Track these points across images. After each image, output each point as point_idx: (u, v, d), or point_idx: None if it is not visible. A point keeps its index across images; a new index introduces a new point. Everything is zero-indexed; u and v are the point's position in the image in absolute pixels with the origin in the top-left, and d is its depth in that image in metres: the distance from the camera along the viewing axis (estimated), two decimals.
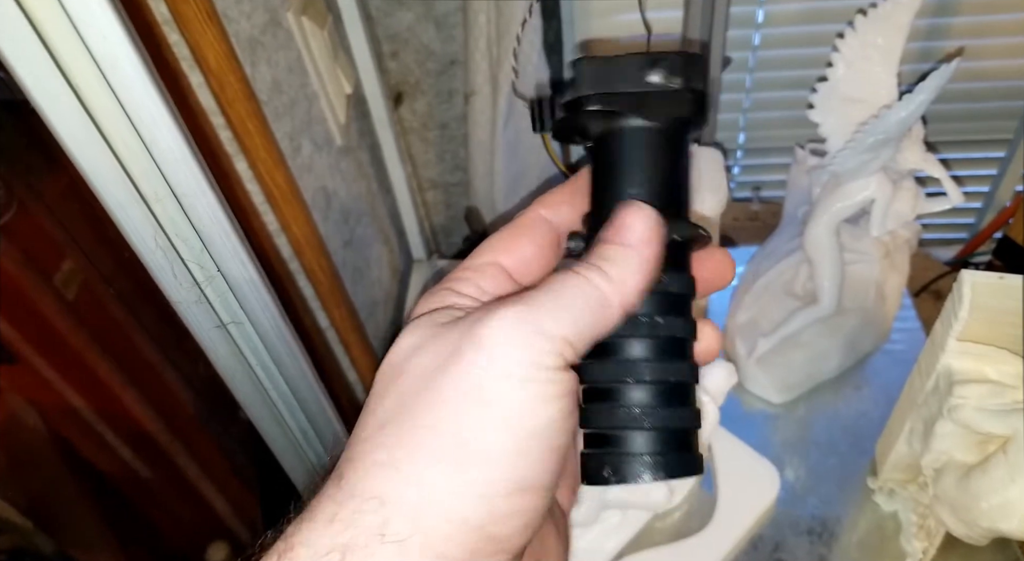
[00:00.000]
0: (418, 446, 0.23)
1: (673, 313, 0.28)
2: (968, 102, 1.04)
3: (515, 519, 0.24)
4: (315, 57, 0.77)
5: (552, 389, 0.24)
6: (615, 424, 0.27)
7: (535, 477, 0.24)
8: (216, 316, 0.45)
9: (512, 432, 0.23)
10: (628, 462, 0.27)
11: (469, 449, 0.23)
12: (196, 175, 0.37)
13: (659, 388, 0.27)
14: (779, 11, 0.98)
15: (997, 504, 0.53)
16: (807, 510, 0.70)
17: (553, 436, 0.24)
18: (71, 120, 0.32)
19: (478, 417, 0.23)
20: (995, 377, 0.55)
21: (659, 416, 0.27)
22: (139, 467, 0.71)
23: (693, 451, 0.28)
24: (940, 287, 0.92)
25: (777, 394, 0.79)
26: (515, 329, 0.24)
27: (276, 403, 0.53)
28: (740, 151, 1.15)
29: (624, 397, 0.27)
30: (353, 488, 0.23)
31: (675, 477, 0.27)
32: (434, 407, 0.23)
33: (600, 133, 0.29)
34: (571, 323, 0.25)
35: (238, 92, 0.59)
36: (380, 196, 1.02)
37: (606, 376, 0.28)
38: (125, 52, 0.31)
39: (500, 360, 0.24)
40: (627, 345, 0.27)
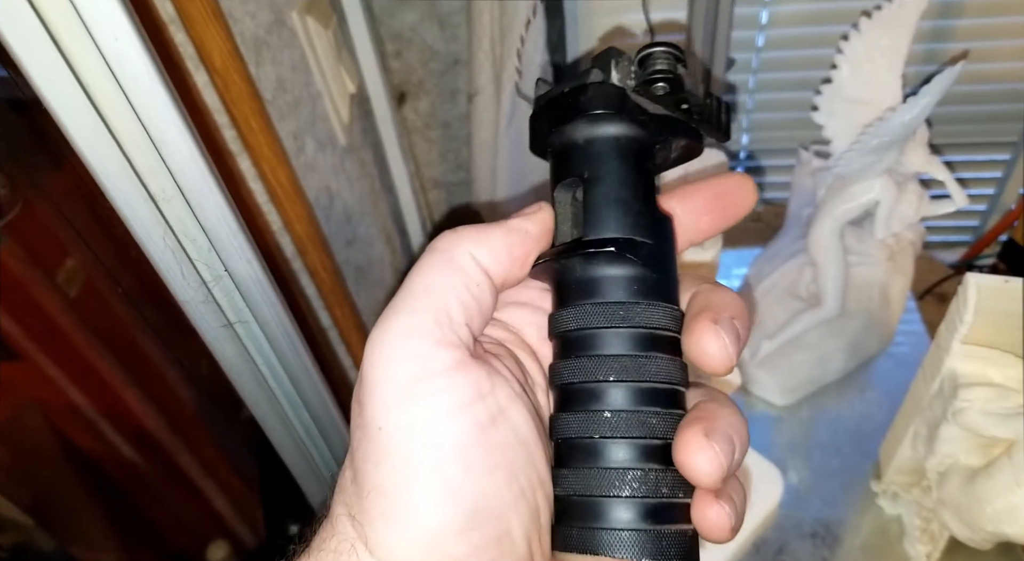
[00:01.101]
0: (363, 508, 0.23)
1: (647, 352, 0.25)
2: (972, 105, 1.03)
3: (483, 554, 0.22)
4: (319, 56, 0.77)
5: (450, 400, 0.23)
6: (584, 490, 0.24)
7: (479, 505, 0.22)
8: (223, 315, 0.45)
9: (428, 471, 0.22)
10: (601, 536, 0.24)
11: (401, 504, 0.22)
12: (204, 175, 0.37)
13: (638, 444, 0.24)
14: (783, 12, 0.98)
15: (1002, 508, 0.53)
16: (810, 513, 0.70)
17: (482, 455, 0.23)
18: (82, 120, 0.32)
19: (392, 465, 0.22)
20: (1000, 381, 0.55)
21: (640, 480, 0.24)
22: (140, 465, 0.71)
23: (683, 526, 0.25)
24: (944, 290, 0.92)
25: (780, 396, 0.79)
26: (384, 343, 0.23)
27: (281, 402, 0.53)
28: (744, 152, 1.15)
29: (596, 456, 0.24)
30: (332, 529, 0.24)
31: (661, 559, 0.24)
32: (364, 464, 0.23)
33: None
34: (427, 304, 0.23)
35: (242, 91, 0.59)
36: (383, 195, 1.02)
37: (576, 429, 0.25)
38: (136, 53, 0.31)
39: (382, 391, 0.23)
40: (597, 392, 0.25)
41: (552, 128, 0.28)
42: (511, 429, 0.24)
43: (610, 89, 0.27)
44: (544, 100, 0.28)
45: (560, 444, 0.26)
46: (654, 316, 0.25)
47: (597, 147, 0.27)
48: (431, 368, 0.23)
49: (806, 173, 0.85)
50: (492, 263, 0.25)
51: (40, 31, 0.28)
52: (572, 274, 0.26)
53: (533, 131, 0.29)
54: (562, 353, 0.26)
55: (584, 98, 0.27)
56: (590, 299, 0.26)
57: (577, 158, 0.27)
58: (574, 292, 0.26)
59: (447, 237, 0.25)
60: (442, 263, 0.24)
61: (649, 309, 0.25)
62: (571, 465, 0.25)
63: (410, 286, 0.24)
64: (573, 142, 0.27)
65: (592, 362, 0.25)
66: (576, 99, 0.27)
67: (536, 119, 0.29)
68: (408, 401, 0.22)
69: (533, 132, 0.29)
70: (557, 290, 0.27)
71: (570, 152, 0.27)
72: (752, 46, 1.02)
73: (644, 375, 0.25)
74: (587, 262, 0.26)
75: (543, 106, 0.28)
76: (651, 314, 0.25)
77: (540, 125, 0.28)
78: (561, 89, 0.28)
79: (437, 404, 0.22)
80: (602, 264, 0.26)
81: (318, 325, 0.81)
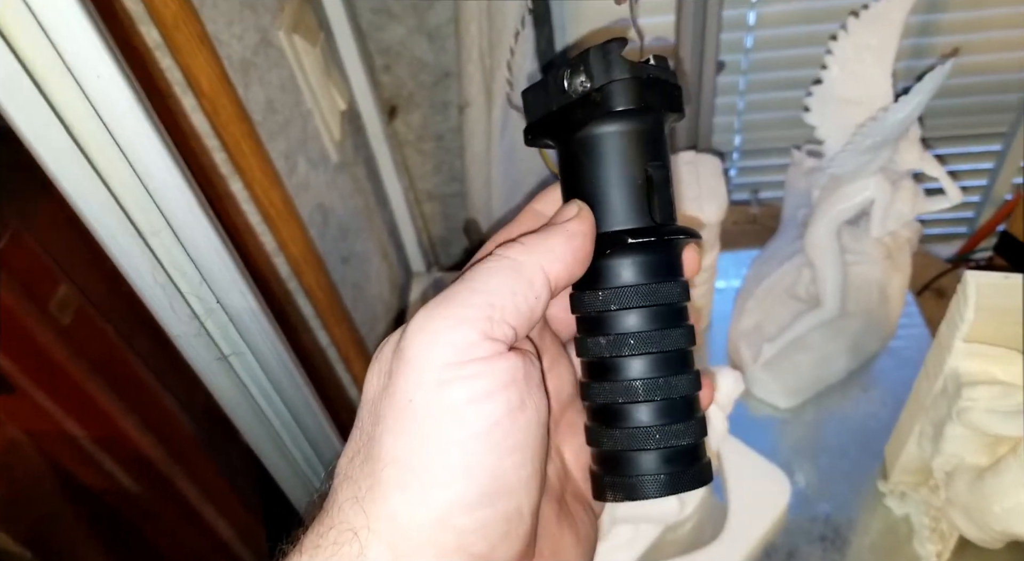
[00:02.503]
0: (378, 481, 0.23)
1: (669, 325, 0.28)
2: (963, 97, 1.03)
3: (491, 531, 0.23)
4: (308, 74, 0.76)
5: (486, 384, 0.23)
6: (620, 446, 0.27)
7: (495, 484, 0.23)
8: (217, 348, 0.44)
9: (452, 444, 0.23)
10: (636, 483, 0.27)
11: (418, 474, 0.23)
12: (193, 207, 0.36)
13: (661, 405, 0.27)
14: (770, 13, 0.98)
15: (1010, 507, 0.53)
16: (819, 516, 0.69)
17: (504, 435, 0.23)
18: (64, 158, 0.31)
19: (417, 437, 0.23)
20: (1004, 378, 0.55)
21: (664, 435, 0.27)
22: (138, 494, 0.70)
23: (700, 462, 0.28)
24: (942, 285, 0.92)
25: (784, 399, 0.79)
26: (430, 328, 0.24)
27: (279, 432, 0.52)
28: (736, 153, 1.15)
29: (627, 417, 0.27)
30: (332, 521, 0.24)
31: (684, 491, 0.27)
32: (384, 436, 0.24)
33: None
34: (486, 301, 0.24)
35: (232, 114, 0.58)
36: (377, 210, 1.01)
37: (605, 397, 0.28)
38: (119, 90, 0.30)
39: (421, 367, 0.24)
40: (622, 364, 0.27)
41: (643, 113, 0.28)
42: (536, 413, 0.25)
43: (672, 85, 0.28)
44: (580, 88, 0.28)
45: (595, 408, 0.29)
46: (675, 291, 0.28)
47: (660, 140, 0.29)
48: (472, 355, 0.24)
49: (800, 173, 0.84)
50: (562, 272, 0.26)
51: (19, 71, 0.28)
52: (657, 255, 0.28)
53: (564, 115, 0.29)
54: (598, 329, 0.28)
55: (655, 90, 0.28)
56: (650, 279, 0.28)
57: (642, 147, 0.28)
58: (630, 272, 0.28)
59: (518, 248, 0.26)
60: (511, 270, 0.25)
61: (676, 285, 0.28)
62: (607, 426, 0.28)
63: (471, 281, 0.25)
64: (662, 130, 0.29)
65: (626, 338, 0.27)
66: (663, 89, 0.28)
67: (574, 106, 0.28)
68: (446, 381, 0.23)
69: (564, 117, 0.29)
70: (612, 268, 0.28)
71: (659, 138, 0.28)
72: (741, 48, 1.02)
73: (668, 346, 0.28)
74: (662, 248, 0.28)
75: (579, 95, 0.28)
76: (672, 289, 0.28)
77: (579, 109, 0.28)
78: (644, 73, 0.28)
79: (473, 386, 0.23)
80: (669, 249, 0.28)
81: (316, 344, 0.81)
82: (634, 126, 0.28)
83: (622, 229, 0.28)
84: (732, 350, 0.85)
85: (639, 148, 0.28)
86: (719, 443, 0.65)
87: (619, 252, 0.28)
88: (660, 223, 0.28)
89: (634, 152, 0.28)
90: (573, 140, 0.29)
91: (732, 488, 0.68)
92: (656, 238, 0.27)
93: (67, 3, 0.27)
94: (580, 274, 0.27)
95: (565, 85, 0.28)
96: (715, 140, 1.11)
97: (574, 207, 0.28)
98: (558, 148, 0.30)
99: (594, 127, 0.28)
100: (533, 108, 0.30)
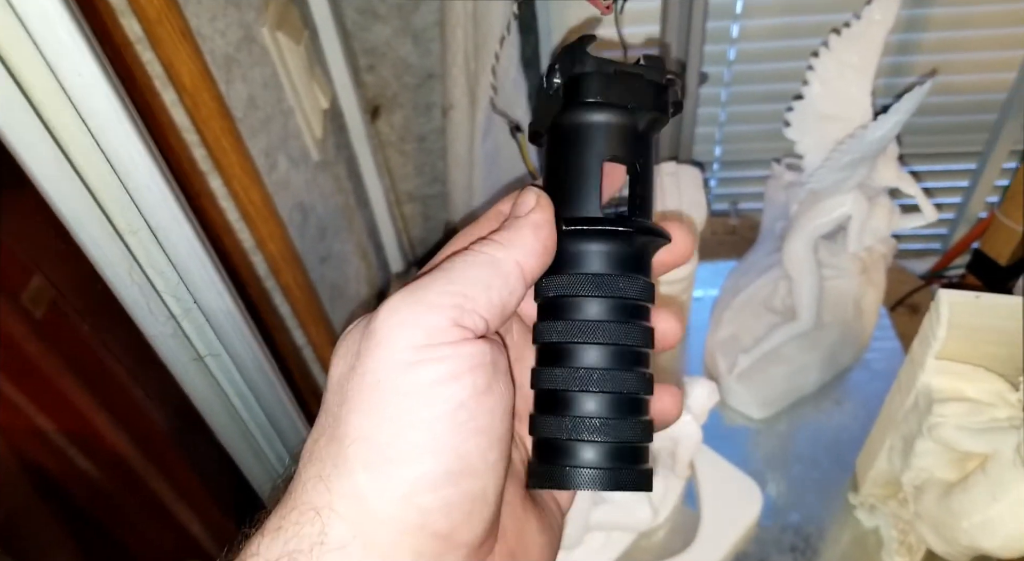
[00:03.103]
0: (344, 458, 0.24)
1: (627, 320, 0.28)
2: (940, 116, 1.05)
3: (454, 510, 0.24)
4: (291, 72, 0.76)
5: (452, 366, 0.24)
6: (559, 435, 0.27)
7: (459, 464, 0.24)
8: (193, 349, 0.43)
9: (418, 423, 0.23)
10: (570, 472, 0.27)
11: (383, 452, 0.23)
12: (172, 206, 0.36)
13: (606, 398, 0.27)
14: (754, 26, 0.99)
15: (978, 523, 0.54)
16: (789, 526, 0.70)
17: (470, 417, 0.24)
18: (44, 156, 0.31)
19: (384, 416, 0.23)
20: (974, 395, 0.55)
21: (605, 428, 0.27)
22: (110, 490, 0.69)
23: (639, 465, 0.28)
24: (916, 301, 0.93)
25: (758, 409, 0.80)
26: (403, 312, 0.24)
27: (254, 433, 0.52)
28: (717, 164, 1.16)
29: (569, 406, 0.27)
30: (295, 502, 0.24)
31: (617, 490, 0.27)
32: (351, 415, 0.24)
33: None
34: (461, 292, 0.25)
35: (213, 110, 0.58)
36: (357, 210, 1.01)
37: (551, 382, 0.28)
38: (100, 88, 0.30)
39: (390, 348, 0.24)
40: (576, 352, 0.27)
41: (601, 107, 0.28)
42: (502, 397, 0.25)
43: (651, 83, 0.28)
44: (581, 74, 0.28)
45: (540, 393, 0.29)
46: (645, 288, 0.28)
47: (650, 140, 0.29)
48: (441, 339, 0.24)
49: (779, 187, 0.85)
50: (535, 264, 0.27)
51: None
52: (613, 246, 0.28)
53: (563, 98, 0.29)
54: (553, 314, 0.28)
55: (624, 86, 0.28)
56: (619, 270, 0.28)
57: (631, 142, 0.28)
58: (597, 260, 0.28)
59: (494, 245, 0.27)
60: (488, 266, 0.26)
61: (645, 282, 0.28)
62: (553, 412, 0.28)
63: (448, 272, 0.26)
64: (629, 127, 0.29)
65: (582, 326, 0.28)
66: (637, 86, 0.28)
67: (575, 92, 0.28)
68: (414, 362, 0.24)
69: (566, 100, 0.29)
70: (575, 255, 0.28)
71: (622, 135, 0.28)
72: (724, 60, 1.02)
73: (621, 339, 0.28)
74: (628, 240, 0.28)
75: (578, 80, 0.28)
76: (642, 286, 0.28)
77: (552, 105, 0.29)
78: (627, 69, 0.28)
79: (441, 368, 0.24)
80: (627, 242, 0.28)
81: (292, 344, 0.80)
82: (593, 118, 0.28)
83: (567, 216, 0.28)
84: (708, 360, 0.85)
85: (598, 140, 0.28)
86: (693, 452, 0.65)
87: (581, 238, 0.28)
88: (616, 215, 0.28)
89: (592, 144, 0.28)
90: (549, 133, 0.30)
91: (705, 497, 0.69)
92: (596, 227, 0.28)
93: (49, 1, 0.27)
94: (550, 262, 0.28)
95: (545, 84, 0.29)
96: (696, 151, 1.11)
97: (532, 196, 0.28)
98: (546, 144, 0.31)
99: (558, 118, 0.29)
100: (535, 111, 0.31)
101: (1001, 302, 0.53)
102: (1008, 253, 0.97)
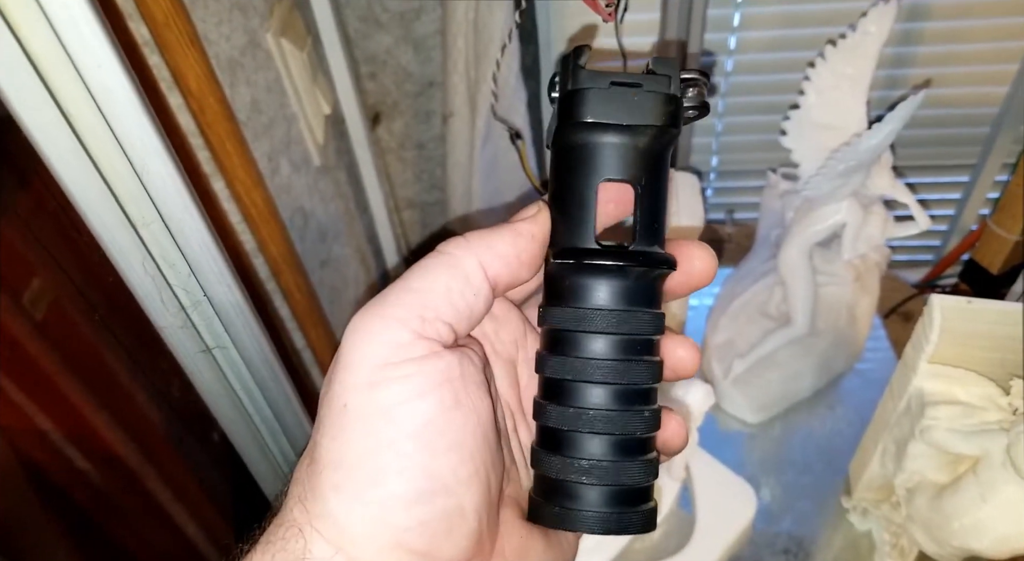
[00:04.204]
0: (317, 482, 0.24)
1: (628, 358, 0.26)
2: (933, 128, 1.06)
3: (430, 528, 0.23)
4: (294, 78, 0.77)
5: (417, 384, 0.23)
6: (565, 476, 0.26)
7: (430, 482, 0.23)
8: (201, 341, 0.44)
9: (386, 445, 0.23)
10: (573, 515, 0.26)
11: (351, 475, 0.23)
12: (186, 200, 0.37)
13: (616, 440, 0.26)
14: (751, 38, 1.00)
15: (969, 524, 0.54)
16: (783, 529, 0.70)
17: (439, 434, 0.23)
18: (63, 147, 0.32)
19: (350, 439, 0.23)
20: (965, 399, 0.56)
21: (610, 472, 0.26)
22: (110, 492, 0.69)
23: (647, 504, 0.27)
24: (909, 309, 0.94)
25: (753, 414, 0.80)
26: (363, 330, 0.24)
27: (259, 428, 0.52)
28: (713, 173, 1.17)
29: (579, 447, 0.26)
30: (282, 519, 0.24)
31: (626, 533, 0.26)
32: (322, 440, 0.24)
33: None
34: (419, 300, 0.24)
35: (217, 113, 0.59)
36: (357, 216, 1.02)
37: (559, 421, 0.26)
38: (119, 81, 0.31)
39: (354, 370, 0.24)
40: (576, 390, 0.26)
41: (592, 128, 0.26)
42: (473, 411, 0.25)
43: (659, 95, 0.26)
44: (594, 85, 0.26)
45: (544, 429, 0.27)
46: (647, 321, 0.26)
47: (659, 155, 0.27)
48: (405, 355, 0.24)
49: (774, 195, 0.86)
50: (501, 269, 0.26)
51: (21, 58, 0.28)
52: (609, 280, 0.26)
53: (571, 112, 0.26)
54: (552, 347, 0.27)
55: (618, 102, 0.25)
56: (620, 304, 0.26)
57: (631, 161, 0.26)
58: (593, 294, 0.26)
59: (457, 242, 0.26)
60: (447, 267, 0.25)
61: (648, 315, 0.27)
62: (555, 451, 0.27)
63: (407, 280, 0.25)
64: (628, 145, 0.26)
65: (585, 364, 0.26)
66: (636, 100, 0.25)
67: (580, 104, 0.26)
68: (377, 383, 0.23)
69: (571, 112, 0.26)
70: (574, 286, 0.27)
71: (620, 155, 0.26)
72: (722, 71, 1.04)
73: (626, 378, 0.26)
74: (624, 273, 0.26)
75: (591, 91, 0.26)
76: (643, 320, 0.26)
77: (583, 113, 0.26)
78: (624, 81, 0.26)
79: (405, 387, 0.23)
80: (624, 275, 0.26)
81: (292, 346, 0.81)
82: (585, 140, 0.26)
83: (565, 247, 0.26)
84: (704, 364, 0.86)
85: (590, 164, 0.26)
86: (689, 455, 0.66)
87: (569, 271, 0.26)
88: (613, 246, 0.26)
89: (584, 168, 0.26)
90: (551, 148, 0.28)
91: (699, 500, 0.69)
92: (585, 261, 0.26)
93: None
94: (526, 276, 0.27)
95: (549, 96, 0.28)
96: (693, 160, 1.13)
97: (533, 207, 0.27)
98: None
99: (552, 138, 0.27)
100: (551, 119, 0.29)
101: (992, 307, 0.53)
102: (1000, 262, 0.98)
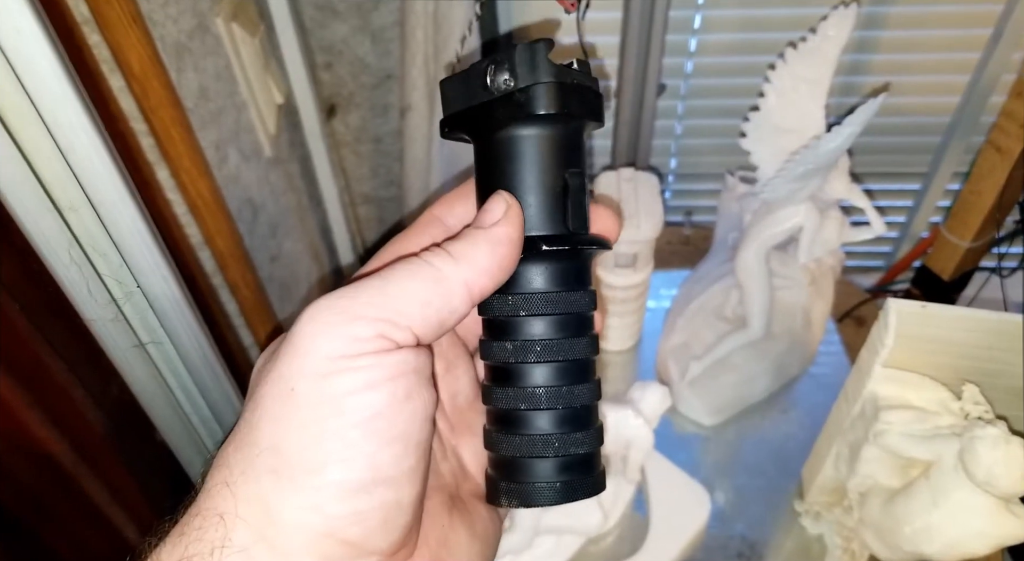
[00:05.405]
0: (251, 465, 0.23)
1: (576, 333, 0.28)
2: (887, 136, 1.08)
3: (366, 519, 0.23)
4: (245, 65, 0.74)
5: (371, 375, 0.23)
6: (518, 452, 0.27)
7: (372, 473, 0.23)
8: (134, 335, 0.42)
9: (330, 432, 0.23)
10: (532, 489, 0.27)
11: (291, 460, 0.23)
12: (117, 184, 0.34)
13: (560, 414, 0.27)
14: (711, 41, 1.01)
15: (920, 528, 0.55)
16: (736, 533, 0.70)
17: (388, 425, 0.23)
18: None
19: (295, 424, 0.23)
20: (918, 403, 0.57)
21: (562, 443, 0.27)
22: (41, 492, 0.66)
23: (595, 471, 0.28)
24: (862, 313, 0.95)
25: (708, 416, 0.80)
26: (324, 320, 0.24)
27: (197, 428, 0.50)
28: (672, 176, 1.17)
29: (527, 424, 0.27)
30: (198, 508, 0.23)
31: (578, 499, 0.28)
32: (262, 422, 0.23)
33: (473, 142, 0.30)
34: (394, 308, 0.24)
35: (162, 98, 0.56)
36: (310, 210, 0.99)
37: (507, 402, 0.28)
38: (41, 50, 0.28)
39: (308, 357, 0.23)
40: (526, 370, 0.27)
41: (526, 118, 0.27)
42: (423, 404, 0.24)
43: (593, 93, 0.28)
44: (503, 82, 0.27)
45: (492, 411, 0.29)
46: (583, 300, 0.28)
47: (579, 147, 0.28)
48: (363, 349, 0.23)
49: (732, 198, 0.86)
50: (487, 284, 0.26)
51: None
52: (560, 264, 0.28)
53: (478, 111, 0.28)
54: (500, 334, 0.28)
55: (578, 96, 0.27)
56: (560, 287, 0.28)
57: (561, 153, 0.27)
58: (541, 279, 0.28)
59: (444, 258, 0.25)
60: (432, 281, 0.25)
61: (585, 295, 0.28)
62: (504, 431, 0.28)
63: (385, 281, 0.24)
64: (560, 138, 0.27)
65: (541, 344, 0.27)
66: (569, 98, 0.27)
67: (493, 102, 0.27)
68: (330, 373, 0.23)
69: (479, 113, 0.28)
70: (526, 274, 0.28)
71: (576, 146, 0.28)
72: (682, 73, 1.04)
73: (568, 354, 0.28)
74: (575, 257, 0.28)
75: (503, 88, 0.27)
76: (581, 298, 0.28)
77: (500, 108, 0.27)
78: (568, 78, 0.27)
79: (359, 377, 0.23)
80: (579, 258, 0.28)
81: (239, 344, 0.78)
82: (556, 131, 0.27)
83: (537, 235, 0.27)
84: (661, 366, 0.85)
85: (559, 154, 0.28)
86: (645, 456, 0.65)
87: (532, 258, 0.27)
88: (573, 231, 0.28)
89: (554, 158, 0.27)
90: (493, 140, 0.28)
91: (654, 503, 0.69)
92: (570, 247, 0.27)
93: None
94: (504, 281, 0.27)
95: (488, 81, 0.27)
96: (652, 162, 1.12)
97: (500, 205, 0.27)
98: (475, 145, 0.30)
99: (515, 128, 0.27)
100: (452, 100, 0.29)
101: (947, 312, 0.54)
102: (951, 268, 1.00)
